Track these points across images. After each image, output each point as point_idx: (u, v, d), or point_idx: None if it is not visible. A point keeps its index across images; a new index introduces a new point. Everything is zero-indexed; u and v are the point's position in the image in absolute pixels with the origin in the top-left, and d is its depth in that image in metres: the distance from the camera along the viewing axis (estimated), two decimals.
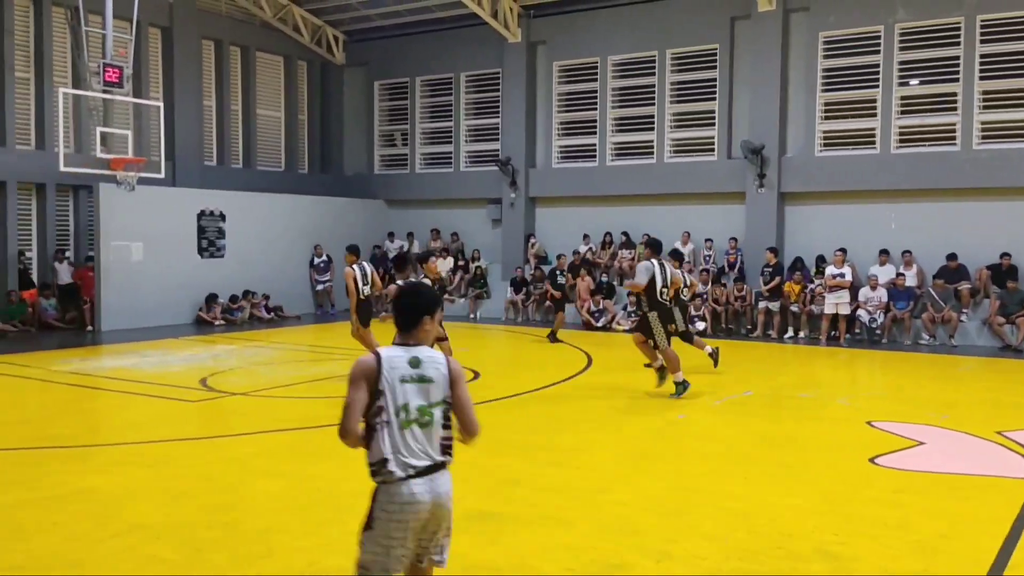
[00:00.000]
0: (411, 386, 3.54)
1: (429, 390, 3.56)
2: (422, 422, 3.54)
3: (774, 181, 18.22)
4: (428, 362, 3.58)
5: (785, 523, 5.87)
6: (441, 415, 3.58)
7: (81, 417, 9.87)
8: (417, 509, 3.53)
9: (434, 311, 3.67)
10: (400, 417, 3.51)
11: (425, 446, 3.55)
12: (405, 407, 3.52)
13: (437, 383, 3.58)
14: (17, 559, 5.12)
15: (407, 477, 3.51)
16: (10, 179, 17.71)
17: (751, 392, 11.06)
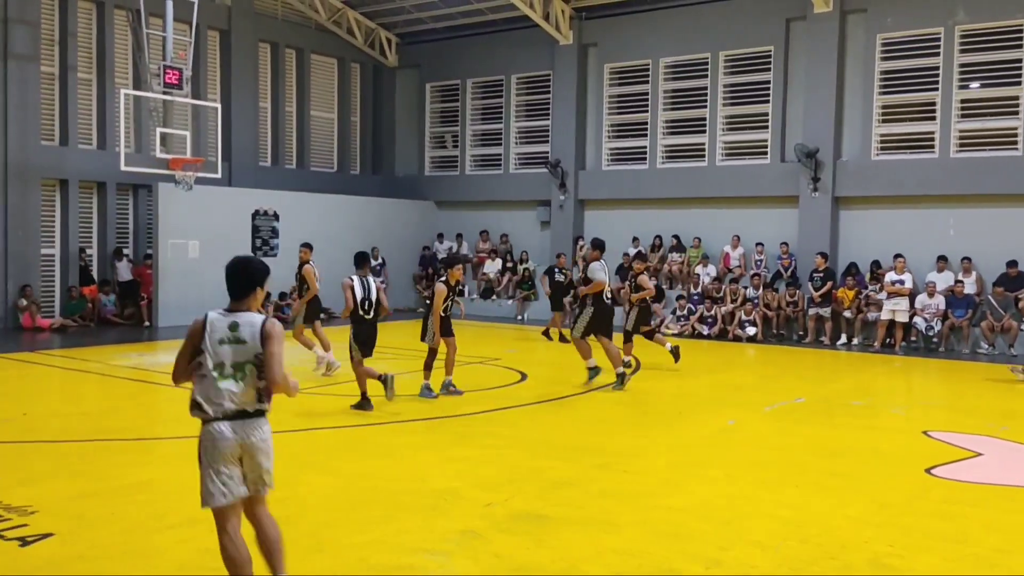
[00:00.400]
0: (227, 347, 4.19)
1: (244, 350, 4.19)
2: (236, 376, 4.18)
3: (828, 185, 17.94)
4: (245, 326, 4.21)
5: (839, 533, 5.78)
6: (255, 371, 4.19)
7: (139, 411, 10.11)
8: (224, 445, 4.18)
9: (262, 283, 4.35)
10: (217, 372, 4.17)
11: (237, 396, 4.18)
12: (221, 364, 4.18)
13: (251, 344, 4.19)
14: (79, 548, 5.27)
15: (215, 419, 4.17)
16: (72, 178, 18.22)
17: (803, 399, 10.91)
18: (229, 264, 4.40)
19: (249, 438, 4.22)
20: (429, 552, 5.29)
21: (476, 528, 5.71)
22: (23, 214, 17.31)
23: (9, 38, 16.98)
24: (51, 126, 18.06)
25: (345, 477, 6.95)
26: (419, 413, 9.65)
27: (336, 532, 5.62)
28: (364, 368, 9.77)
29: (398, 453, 7.81)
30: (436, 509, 6.12)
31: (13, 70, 17.05)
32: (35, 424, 8.94)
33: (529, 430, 8.94)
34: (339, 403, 10.36)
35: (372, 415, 9.50)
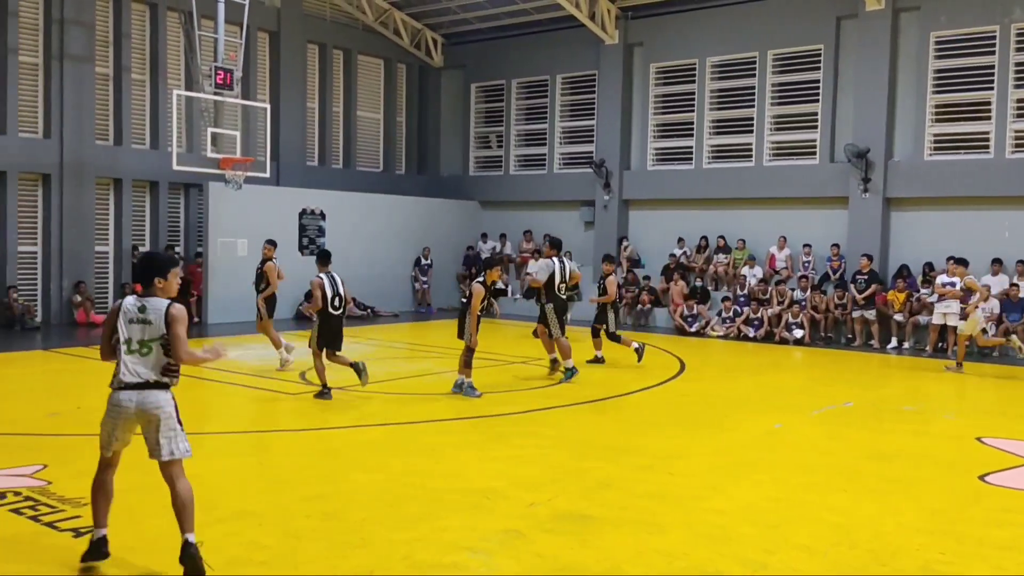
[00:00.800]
0: (136, 326, 4.87)
1: (150, 330, 4.85)
2: (142, 352, 4.88)
3: (879, 186, 17.63)
4: (151, 310, 4.88)
5: (889, 539, 5.67)
6: (160, 348, 4.86)
7: (188, 406, 10.18)
8: (121, 412, 4.91)
9: (164, 273, 4.97)
10: (126, 347, 4.87)
11: (141, 369, 4.87)
12: (129, 340, 4.87)
13: (156, 324, 4.85)
14: (129, 540, 5.37)
15: (119, 388, 4.90)
16: (126, 177, 18.61)
17: (851, 403, 10.72)
18: (138, 258, 5.02)
19: (145, 407, 4.89)
20: (472, 550, 5.30)
21: (518, 527, 5.70)
22: (78, 212, 17.73)
23: (65, 39, 17.41)
24: (105, 126, 18.47)
25: (388, 474, 7.00)
26: (461, 412, 9.68)
27: (379, 528, 5.65)
28: (323, 362, 10.31)
29: (440, 451, 7.83)
30: (478, 508, 6.13)
31: (69, 71, 17.48)
32: (88, 418, 9.11)
33: (572, 430, 8.91)
34: (382, 401, 10.44)
35: (414, 413, 9.56)
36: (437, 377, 12.22)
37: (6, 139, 16.85)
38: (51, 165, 17.40)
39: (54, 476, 6.66)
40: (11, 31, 16.80)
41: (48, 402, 9.75)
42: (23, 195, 17.35)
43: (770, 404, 10.68)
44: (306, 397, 10.53)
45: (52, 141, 17.41)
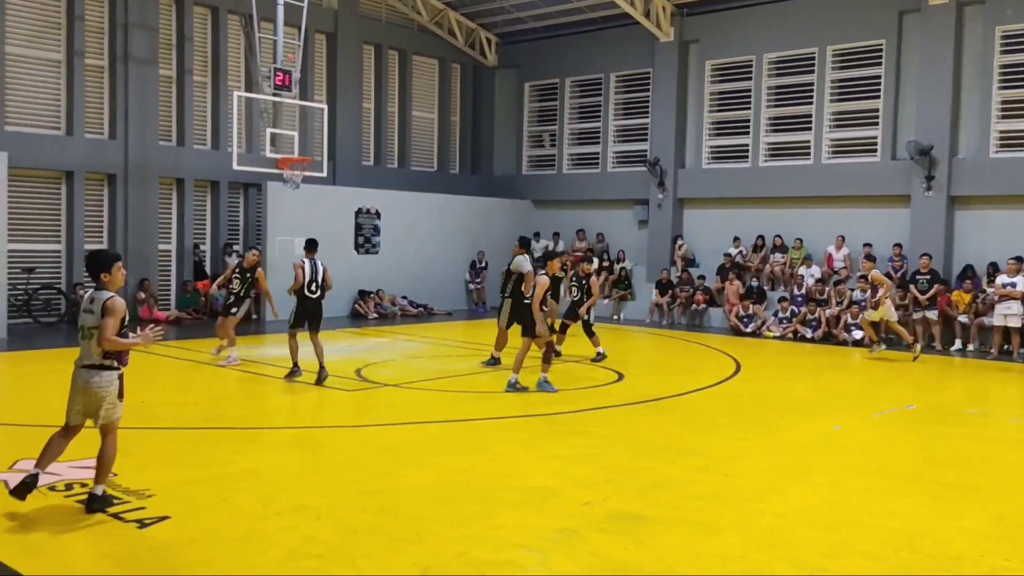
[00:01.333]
0: (86, 314, 5.84)
1: (93, 319, 5.79)
2: (87, 335, 5.82)
3: (943, 184, 17.19)
4: (96, 300, 5.81)
5: (952, 545, 5.54)
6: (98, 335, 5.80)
7: (247, 401, 10.49)
8: (73, 386, 5.89)
9: (108, 268, 5.91)
10: (80, 333, 5.87)
11: (87, 351, 5.83)
12: (82, 327, 5.86)
13: (95, 314, 5.78)
14: (192, 532, 5.50)
15: (76, 367, 5.88)
16: (188, 177, 19.03)
17: (913, 406, 10.49)
18: (86, 256, 6.27)
19: (87, 383, 5.82)
20: (527, 548, 5.31)
21: (573, 526, 5.70)
22: (142, 211, 18.20)
23: (130, 42, 17.87)
24: (168, 127, 18.91)
25: (442, 471, 7.05)
26: (514, 410, 9.71)
27: (434, 525, 5.69)
28: (296, 342, 11.30)
29: (494, 449, 7.86)
30: (533, 506, 6.14)
31: (133, 73, 17.94)
32: (152, 412, 9.38)
33: (626, 430, 8.87)
34: (436, 399, 10.52)
35: (469, 411, 9.61)
36: (490, 375, 12.27)
37: (73, 140, 17.36)
38: (116, 165, 17.88)
39: (119, 468, 6.81)
40: (77, 34, 17.30)
41: None
42: (89, 195, 17.86)
43: (828, 406, 10.50)
44: (361, 394, 10.67)
45: (117, 142, 17.89)
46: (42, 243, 17.30)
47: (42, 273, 17.17)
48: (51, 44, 17.27)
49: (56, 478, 6.54)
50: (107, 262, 5.95)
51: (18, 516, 5.73)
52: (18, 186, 16.51)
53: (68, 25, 17.31)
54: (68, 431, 5.96)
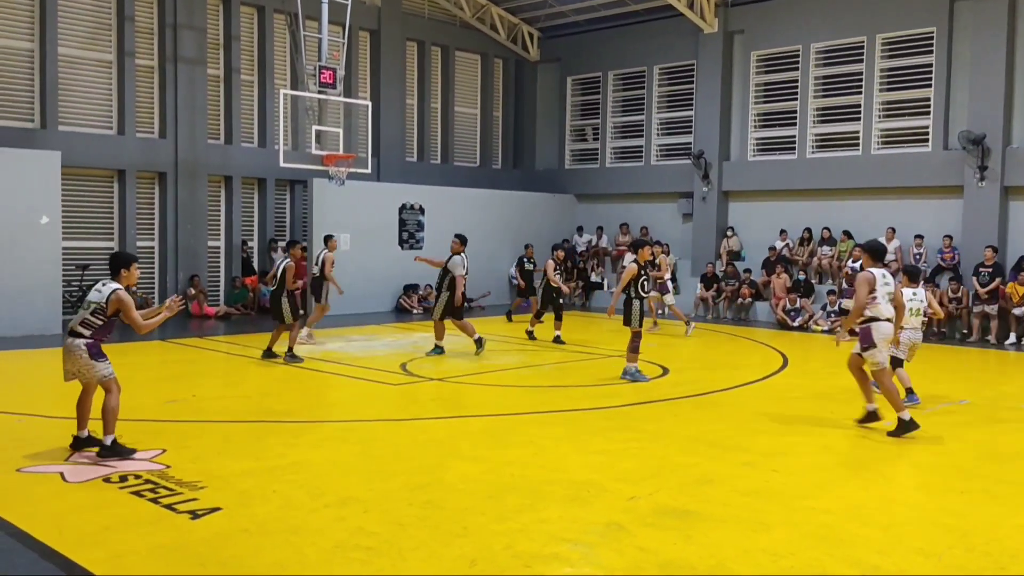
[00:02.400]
0: (94, 292, 7.11)
1: (97, 295, 7.03)
2: (84, 308, 7.08)
3: (997, 174, 16.77)
4: (106, 287, 7.07)
5: (1008, 543, 5.41)
6: (91, 311, 7.03)
7: (295, 395, 10.62)
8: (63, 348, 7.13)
9: (128, 266, 7.16)
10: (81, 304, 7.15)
11: (75, 320, 7.07)
12: (86, 301, 7.14)
13: (101, 294, 7.04)
14: (243, 523, 5.59)
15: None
16: (236, 174, 19.32)
17: (967, 401, 10.27)
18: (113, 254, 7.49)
19: (68, 346, 7.08)
20: (573, 542, 5.31)
21: (620, 521, 5.68)
22: (192, 209, 18.52)
23: (179, 43, 18.18)
24: (217, 125, 19.22)
25: (488, 465, 7.07)
26: (559, 405, 9.70)
27: (480, 518, 5.72)
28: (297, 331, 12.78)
29: (539, 443, 7.87)
30: (578, 500, 6.13)
31: (183, 73, 18.25)
32: (203, 405, 9.56)
33: (671, 425, 8.82)
34: (481, 393, 10.55)
35: (513, 405, 9.64)
36: (534, 369, 12.28)
37: (124, 139, 17.72)
38: (167, 164, 18.22)
39: (172, 460, 6.99)
40: (128, 36, 17.64)
41: (166, 390, 10.23)
42: (141, 193, 18.23)
43: (879, 400, 10.30)
44: (407, 388, 10.75)
45: (167, 141, 18.23)
46: (95, 240, 17.70)
47: (96, 270, 17.56)
48: (102, 45, 17.65)
49: (111, 470, 6.70)
50: (127, 261, 7.22)
51: (74, 507, 5.89)
52: (72, 185, 16.90)
53: (119, 26, 17.66)
54: (83, 390, 7.19)
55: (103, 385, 7.07)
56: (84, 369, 7.03)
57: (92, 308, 7.02)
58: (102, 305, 7.00)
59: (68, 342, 7.06)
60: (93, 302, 7.04)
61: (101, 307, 7.01)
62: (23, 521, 5.53)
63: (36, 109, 16.85)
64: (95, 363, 7.03)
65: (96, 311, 7.02)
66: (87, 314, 7.04)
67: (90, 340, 7.03)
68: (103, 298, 7.00)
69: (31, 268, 14.89)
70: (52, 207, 15.19)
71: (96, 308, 7.02)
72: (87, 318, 7.03)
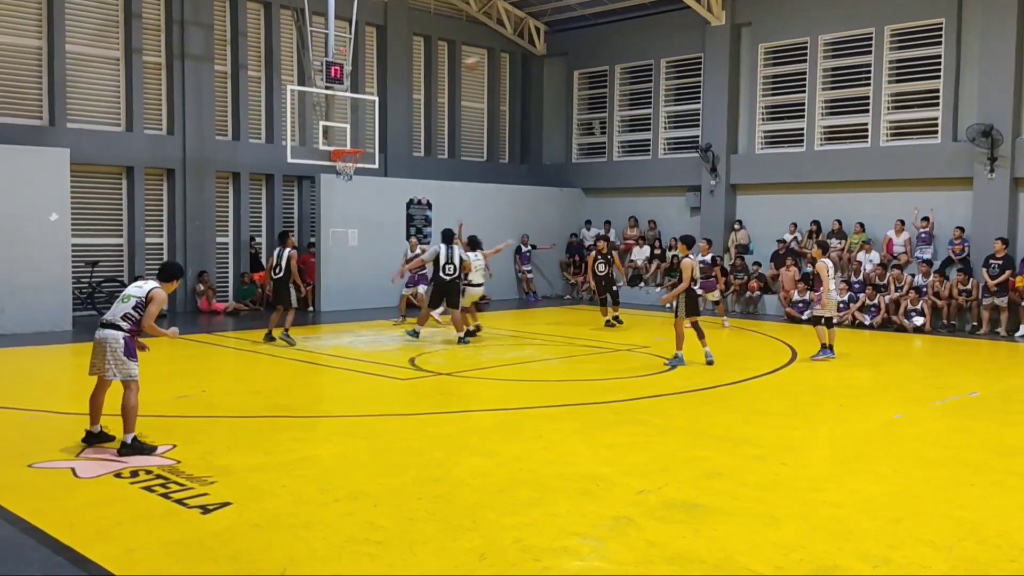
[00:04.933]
0: (133, 287, 7.37)
1: (137, 290, 7.29)
2: (123, 300, 7.25)
3: (1007, 165, 16.68)
4: (145, 284, 7.32)
5: (1019, 536, 5.39)
6: (132, 306, 7.18)
7: (304, 390, 10.65)
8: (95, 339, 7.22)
9: (177, 277, 7.60)
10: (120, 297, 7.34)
11: (113, 312, 7.22)
12: (124, 295, 7.33)
13: (142, 288, 7.28)
14: (253, 517, 5.61)
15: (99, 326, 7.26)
16: (243, 170, 19.36)
17: (978, 394, 10.23)
18: (163, 264, 7.69)
19: (100, 337, 7.12)
20: (582, 536, 5.31)
21: (629, 514, 5.68)
22: (200, 205, 18.56)
23: (186, 39, 18.21)
24: (224, 121, 19.24)
25: (497, 459, 7.08)
26: (568, 399, 9.70)
27: (489, 512, 5.73)
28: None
29: (549, 437, 7.87)
30: (587, 494, 6.14)
31: (190, 69, 18.28)
32: (213, 401, 9.59)
33: (680, 419, 8.81)
34: (489, 387, 10.56)
35: (521, 399, 9.65)
36: (542, 364, 12.28)
37: (133, 136, 17.77)
38: (175, 160, 18.26)
39: (183, 456, 7.02)
40: (135, 32, 17.68)
41: (176, 386, 10.27)
42: (149, 189, 18.28)
43: (889, 394, 10.30)
44: (416, 383, 10.77)
45: (175, 137, 18.26)
46: (105, 237, 17.76)
47: (105, 266, 17.63)
48: (110, 42, 17.68)
49: (122, 465, 6.73)
50: (177, 273, 7.62)
51: (85, 502, 5.92)
52: (81, 182, 16.96)
53: (126, 23, 17.69)
54: (97, 385, 7.29)
55: (124, 383, 7.08)
56: (114, 364, 7.04)
57: (134, 302, 7.16)
58: (143, 300, 7.18)
59: (103, 334, 7.09)
60: (134, 296, 7.20)
61: (142, 302, 7.18)
62: (35, 517, 5.56)
63: (44, 106, 16.91)
64: (127, 361, 7.08)
65: (137, 305, 7.18)
66: (128, 308, 7.15)
67: (127, 334, 7.11)
68: (144, 293, 7.21)
69: (41, 265, 14.96)
70: (61, 204, 15.25)
71: (138, 302, 7.18)
72: (128, 312, 7.14)
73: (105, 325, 7.13)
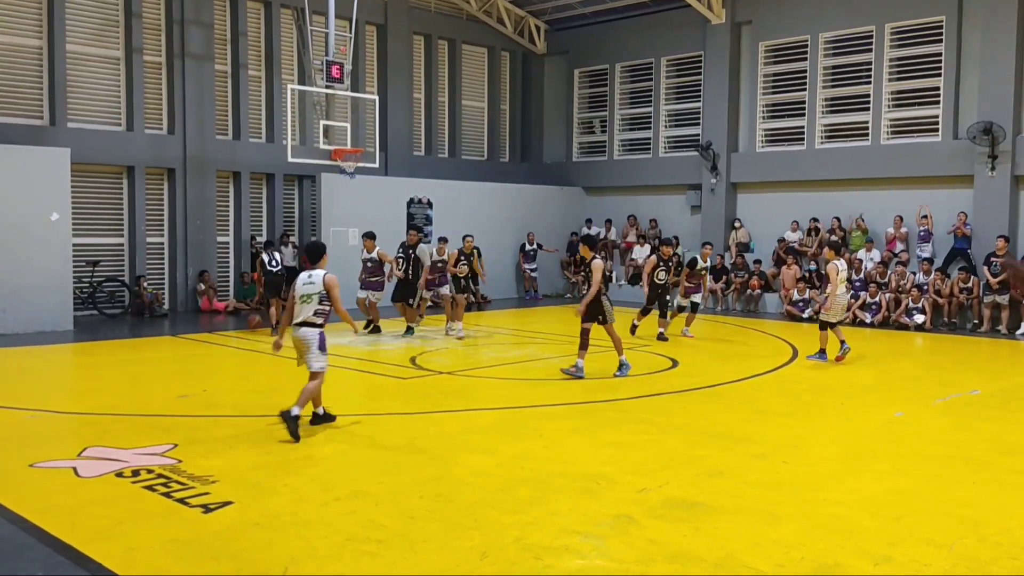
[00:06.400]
0: (307, 286, 7.85)
1: (313, 288, 7.84)
2: (305, 301, 7.85)
3: (1007, 163, 16.67)
4: (315, 276, 7.90)
5: (1020, 533, 5.40)
6: (317, 300, 7.83)
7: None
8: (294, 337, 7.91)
9: (324, 254, 8.12)
10: (299, 299, 7.88)
11: (303, 312, 7.84)
12: (303, 295, 7.86)
13: (316, 284, 7.85)
14: (255, 516, 5.61)
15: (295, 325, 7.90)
16: (244, 170, 19.36)
17: (978, 392, 10.23)
18: (308, 244, 8.44)
19: (299, 336, 7.82)
20: (583, 535, 5.31)
21: (630, 513, 5.69)
22: (201, 204, 18.56)
23: (186, 39, 18.21)
24: (225, 121, 19.24)
25: (499, 458, 7.08)
26: (569, 397, 9.70)
27: (491, 511, 5.73)
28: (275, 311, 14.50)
29: (549, 436, 7.88)
30: (589, 492, 6.14)
31: (191, 68, 18.28)
32: (214, 400, 9.59)
33: (682, 417, 8.81)
34: (491, 386, 10.56)
35: (523, 398, 9.64)
36: (544, 363, 12.28)
37: (133, 136, 17.77)
38: (175, 160, 18.26)
39: (184, 455, 7.02)
40: (135, 32, 17.68)
41: (177, 385, 10.28)
42: (150, 189, 18.28)
43: (890, 392, 10.30)
44: (417, 382, 10.77)
45: (176, 137, 18.26)
46: (106, 237, 17.77)
47: (106, 266, 17.64)
48: (110, 42, 17.68)
49: (123, 464, 6.73)
50: (322, 248, 8.25)
51: (87, 502, 5.92)
52: (81, 181, 16.97)
53: (126, 23, 17.69)
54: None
55: (312, 373, 7.79)
56: (311, 357, 7.78)
57: (317, 297, 7.79)
58: (322, 292, 7.79)
59: (301, 332, 7.80)
60: (314, 293, 7.78)
61: (323, 294, 7.80)
62: (36, 516, 5.57)
63: (45, 106, 16.91)
64: (322, 355, 7.83)
65: (321, 299, 7.80)
66: (316, 304, 7.78)
67: (321, 329, 7.83)
68: (320, 286, 7.80)
69: (42, 265, 14.97)
70: (62, 204, 15.26)
71: (320, 296, 7.80)
72: (317, 308, 7.79)
73: (301, 324, 7.81)
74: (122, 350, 13.54)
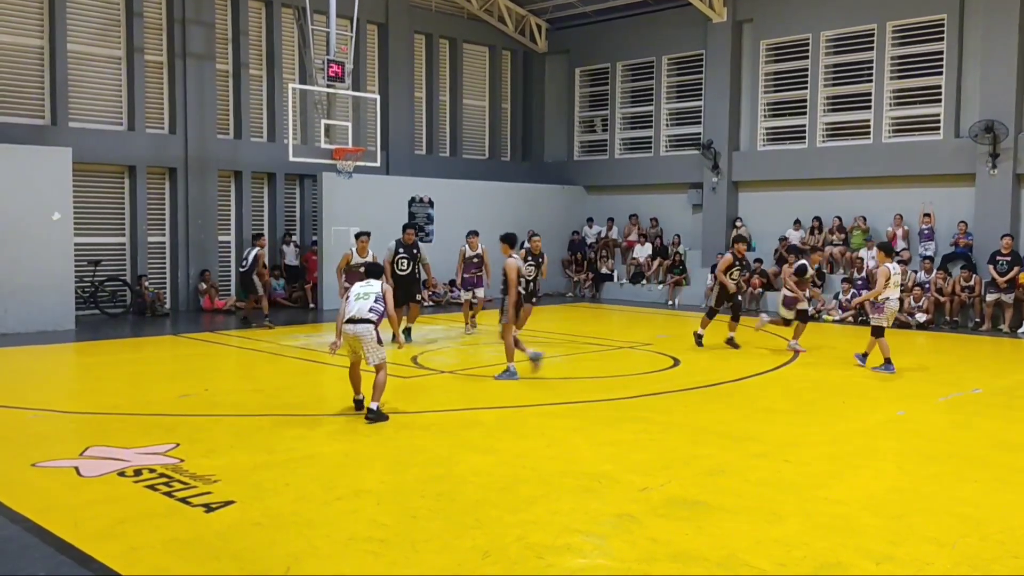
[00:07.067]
0: (362, 287, 8.58)
1: (371, 289, 8.54)
2: (362, 298, 8.44)
3: (1009, 161, 16.65)
4: (374, 285, 8.59)
5: (1022, 531, 5.39)
6: (373, 299, 8.44)
7: (307, 388, 10.66)
8: (345, 336, 8.39)
9: (380, 274, 8.89)
10: (357, 298, 8.48)
11: (359, 310, 8.38)
12: (362, 294, 8.49)
13: (374, 287, 8.55)
14: (256, 516, 5.61)
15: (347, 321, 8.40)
16: (245, 169, 19.36)
17: (980, 390, 10.22)
18: (369, 264, 9.16)
19: (355, 332, 8.32)
20: (585, 534, 5.31)
21: (631, 512, 5.69)
22: (202, 204, 18.57)
23: (188, 38, 18.21)
24: (226, 120, 19.24)
25: (500, 457, 7.08)
26: (569, 396, 9.70)
27: (493, 510, 5.73)
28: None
29: (551, 435, 7.88)
30: (590, 491, 6.14)
31: (192, 68, 18.28)
32: (216, 399, 9.60)
33: (683, 416, 8.81)
34: (490, 385, 10.55)
35: (525, 397, 9.64)
36: (545, 362, 12.26)
37: (135, 135, 17.78)
38: (176, 159, 18.27)
39: (186, 454, 7.02)
40: (136, 31, 17.68)
41: (178, 384, 10.28)
42: (151, 188, 18.29)
43: (892, 391, 10.30)
44: (418, 381, 10.77)
45: (177, 136, 18.27)
46: (107, 236, 17.78)
47: (108, 265, 17.65)
48: (112, 41, 17.69)
49: (125, 464, 6.74)
50: (382, 270, 9.09)
51: (89, 501, 5.93)
52: (83, 181, 16.97)
53: (127, 22, 17.70)
54: (352, 365, 8.70)
55: (377, 366, 8.33)
56: (369, 351, 8.29)
57: (374, 296, 8.43)
58: (380, 294, 8.50)
59: (355, 329, 8.28)
60: (371, 292, 8.48)
61: (379, 295, 8.49)
62: (39, 515, 5.58)
63: (47, 106, 16.92)
64: (380, 348, 8.37)
65: (377, 299, 8.45)
66: (371, 303, 8.38)
67: (375, 325, 8.36)
68: (378, 288, 8.54)
69: (44, 264, 14.98)
70: (64, 203, 15.27)
71: (376, 296, 8.46)
72: (373, 306, 8.38)
73: (354, 321, 8.29)
74: (124, 349, 13.55)
